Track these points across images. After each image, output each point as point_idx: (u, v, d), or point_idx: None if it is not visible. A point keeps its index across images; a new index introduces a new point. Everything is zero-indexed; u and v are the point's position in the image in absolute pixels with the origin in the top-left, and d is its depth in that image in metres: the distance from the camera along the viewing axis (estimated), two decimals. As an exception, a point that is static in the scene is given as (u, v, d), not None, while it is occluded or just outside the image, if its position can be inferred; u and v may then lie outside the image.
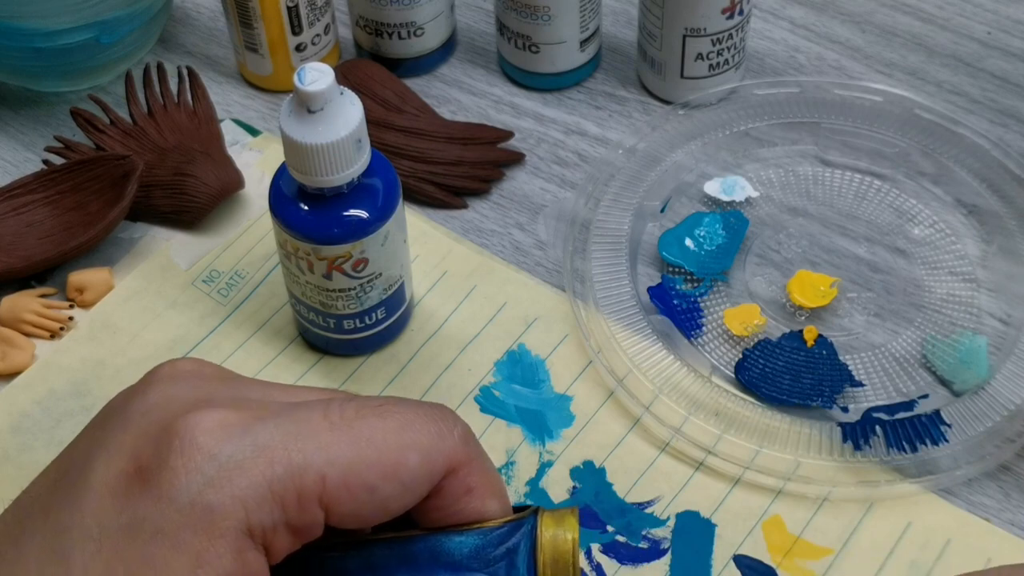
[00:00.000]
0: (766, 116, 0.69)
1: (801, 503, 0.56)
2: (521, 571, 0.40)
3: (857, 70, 0.74)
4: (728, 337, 0.62)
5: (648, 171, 0.67)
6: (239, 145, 0.70)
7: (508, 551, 0.40)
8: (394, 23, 0.71)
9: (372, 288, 0.58)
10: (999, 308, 0.62)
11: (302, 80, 0.52)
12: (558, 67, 0.72)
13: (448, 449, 0.40)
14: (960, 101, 0.72)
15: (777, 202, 0.67)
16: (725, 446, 0.57)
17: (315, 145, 0.52)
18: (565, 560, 0.40)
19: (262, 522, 0.38)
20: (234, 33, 0.72)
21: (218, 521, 0.37)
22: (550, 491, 0.57)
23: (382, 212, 0.56)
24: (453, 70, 0.75)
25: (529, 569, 0.40)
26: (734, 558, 0.55)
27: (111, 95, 0.72)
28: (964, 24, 0.76)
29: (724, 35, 0.68)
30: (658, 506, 0.56)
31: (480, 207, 0.68)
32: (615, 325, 0.61)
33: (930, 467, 0.56)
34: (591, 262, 0.63)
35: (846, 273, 0.64)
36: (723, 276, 0.64)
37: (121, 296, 0.64)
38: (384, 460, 0.39)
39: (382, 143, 0.67)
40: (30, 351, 0.62)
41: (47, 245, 0.64)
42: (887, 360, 0.61)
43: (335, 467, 0.38)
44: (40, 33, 0.67)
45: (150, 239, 0.66)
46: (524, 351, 0.62)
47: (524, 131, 0.71)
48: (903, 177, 0.67)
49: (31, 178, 0.66)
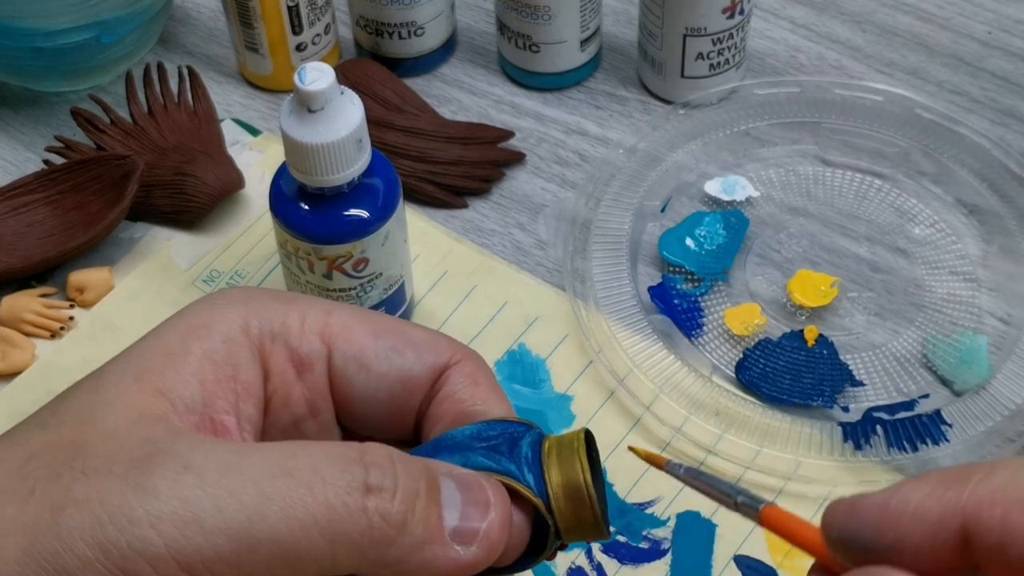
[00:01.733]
0: (766, 116, 0.69)
1: (802, 503, 0.56)
2: (524, 449, 0.39)
3: (857, 70, 0.74)
4: (729, 337, 0.62)
5: (648, 171, 0.67)
6: (239, 145, 0.70)
7: (511, 435, 0.39)
8: (394, 23, 0.71)
9: (372, 288, 0.58)
10: (999, 308, 0.62)
11: (302, 80, 0.52)
12: (558, 67, 0.72)
13: (451, 341, 0.42)
14: (960, 101, 0.72)
15: (778, 202, 0.67)
16: (726, 446, 0.57)
17: (315, 145, 0.52)
18: (570, 448, 0.39)
19: (260, 327, 0.39)
20: (234, 33, 0.72)
21: (217, 323, 0.39)
22: (551, 491, 0.57)
23: (382, 212, 0.56)
24: (453, 70, 0.75)
25: (533, 447, 0.39)
26: (735, 558, 0.55)
27: (111, 95, 0.72)
28: (964, 24, 0.76)
29: (724, 35, 0.68)
30: (658, 506, 0.56)
31: (480, 207, 0.68)
32: (615, 325, 0.61)
33: (930, 467, 0.56)
34: (591, 262, 0.63)
35: (847, 273, 0.64)
36: (724, 276, 0.64)
37: (121, 296, 0.64)
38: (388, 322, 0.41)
39: (382, 143, 0.67)
40: (30, 351, 0.62)
41: (47, 245, 0.64)
42: (888, 360, 0.61)
43: (340, 310, 0.40)
44: (40, 33, 0.67)
45: (150, 239, 0.66)
46: (524, 351, 0.62)
47: (524, 131, 0.71)
48: (903, 177, 0.67)
49: (31, 178, 0.66)
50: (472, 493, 0.37)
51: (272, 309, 0.40)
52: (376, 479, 0.36)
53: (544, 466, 0.39)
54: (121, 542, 0.34)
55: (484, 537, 0.37)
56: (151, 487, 0.35)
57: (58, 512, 0.35)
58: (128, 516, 0.34)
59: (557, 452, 0.39)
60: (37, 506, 0.35)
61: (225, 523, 0.34)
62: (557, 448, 0.39)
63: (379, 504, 0.35)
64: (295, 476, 0.35)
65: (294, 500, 0.35)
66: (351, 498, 0.35)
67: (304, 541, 0.35)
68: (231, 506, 0.34)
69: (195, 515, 0.34)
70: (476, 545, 0.37)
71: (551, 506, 0.38)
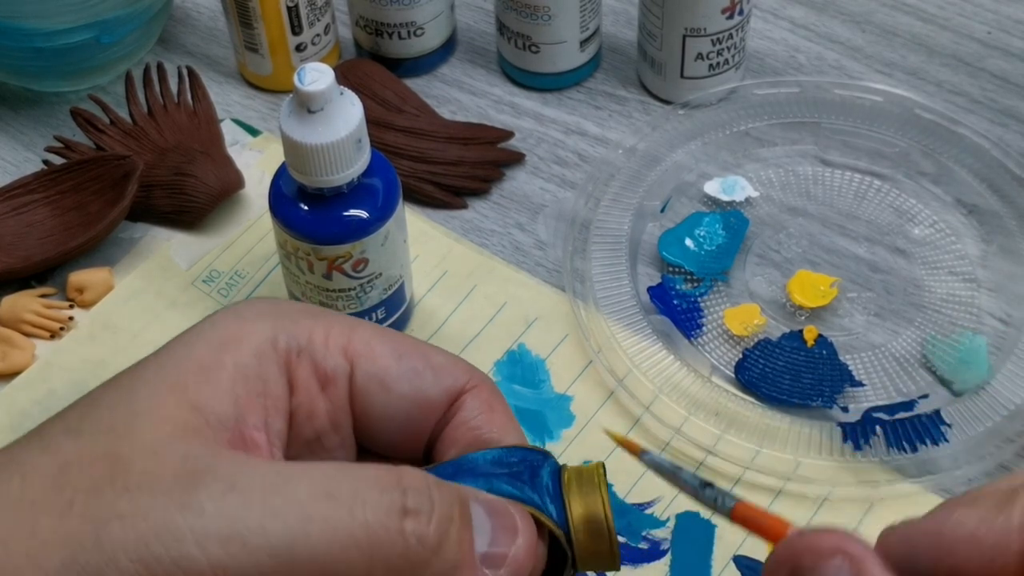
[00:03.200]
0: (766, 116, 0.69)
1: (801, 503, 0.56)
2: (545, 479, 0.40)
3: (857, 70, 0.74)
4: (728, 337, 0.62)
5: (648, 171, 0.67)
6: (239, 145, 0.70)
7: (531, 464, 0.40)
8: (394, 23, 0.71)
9: (372, 288, 0.58)
10: (999, 308, 0.62)
11: (302, 80, 0.52)
12: (558, 67, 0.72)
13: (468, 366, 0.42)
14: (960, 101, 0.72)
15: (777, 202, 0.67)
16: (725, 446, 0.57)
17: (315, 145, 0.52)
18: (591, 482, 0.40)
19: (287, 342, 0.40)
20: (234, 33, 0.72)
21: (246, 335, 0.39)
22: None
23: (382, 212, 0.56)
24: (453, 70, 0.75)
25: (553, 477, 0.40)
26: (734, 559, 0.55)
27: (111, 95, 0.72)
28: (964, 24, 0.76)
29: (724, 35, 0.68)
30: (658, 507, 0.56)
31: (480, 207, 0.68)
32: (615, 325, 0.61)
33: (930, 467, 0.56)
34: (591, 262, 0.63)
35: (846, 273, 0.64)
36: (723, 276, 0.64)
37: (121, 296, 0.64)
38: (409, 343, 0.42)
39: (382, 143, 0.67)
40: (30, 351, 0.62)
41: (47, 245, 0.64)
42: (887, 360, 0.61)
43: (363, 327, 0.41)
44: (40, 33, 0.67)
45: (150, 239, 0.66)
46: (524, 351, 0.62)
47: (524, 131, 0.71)
48: (903, 177, 0.67)
49: (31, 178, 0.66)
50: (501, 519, 0.38)
51: (298, 323, 0.40)
52: (413, 503, 0.37)
53: (565, 498, 0.40)
54: (165, 558, 0.35)
55: (512, 561, 0.38)
56: (196, 505, 0.35)
57: (101, 527, 0.35)
58: (173, 533, 0.35)
59: (578, 485, 0.40)
60: (78, 520, 0.35)
61: (268, 542, 0.35)
62: (577, 480, 0.40)
63: (416, 527, 0.36)
64: (337, 498, 0.36)
65: (336, 521, 0.36)
66: (390, 520, 0.36)
67: (343, 561, 0.36)
68: (275, 526, 0.35)
69: (239, 534, 0.35)
70: (504, 569, 0.38)
71: (571, 537, 0.39)
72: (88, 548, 0.35)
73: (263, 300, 0.41)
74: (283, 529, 0.35)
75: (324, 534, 0.36)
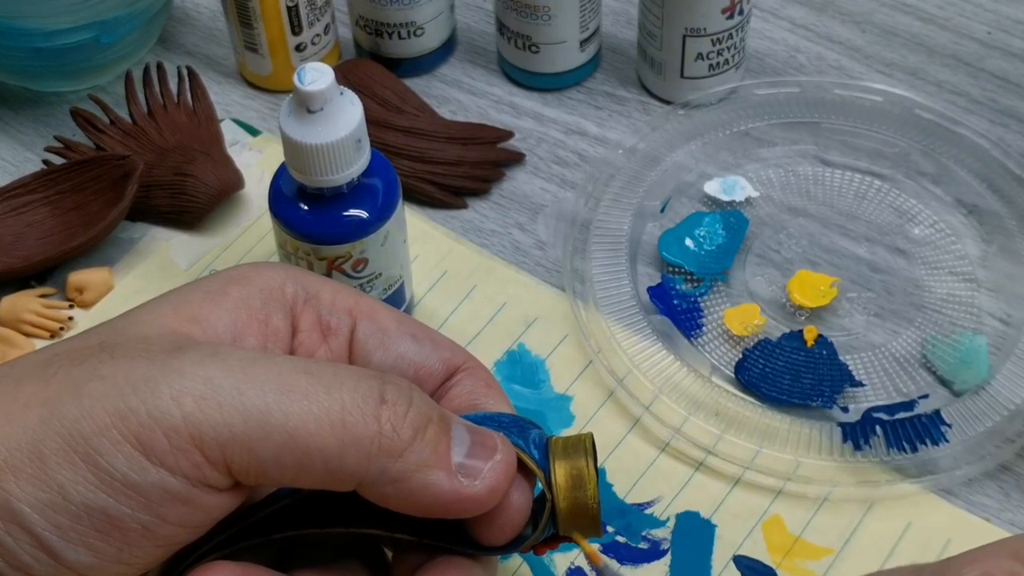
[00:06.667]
0: (766, 116, 0.69)
1: (801, 503, 0.56)
2: (533, 435, 0.41)
3: (857, 70, 0.74)
4: (728, 337, 0.62)
5: (648, 171, 0.67)
6: (239, 145, 0.70)
7: (522, 425, 0.41)
8: (394, 23, 0.71)
9: (372, 288, 0.58)
10: (999, 308, 0.62)
11: (302, 80, 0.52)
12: (558, 67, 0.72)
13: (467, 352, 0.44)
14: (960, 101, 0.72)
15: (777, 202, 0.67)
16: (725, 446, 0.57)
17: (315, 145, 0.52)
18: (577, 441, 0.41)
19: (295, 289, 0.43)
20: (234, 33, 0.72)
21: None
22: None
23: (382, 212, 0.56)
24: (453, 70, 0.75)
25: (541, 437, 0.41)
26: (734, 558, 0.55)
27: (111, 95, 0.72)
28: (964, 24, 0.76)
29: (724, 35, 0.68)
30: (658, 507, 0.56)
31: (480, 207, 0.68)
32: (615, 325, 0.61)
33: (930, 467, 0.56)
34: (591, 262, 0.63)
35: (846, 273, 0.64)
36: (723, 276, 0.64)
37: (121, 296, 0.64)
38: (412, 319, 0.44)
39: (382, 143, 0.67)
40: (29, 351, 0.62)
41: (47, 245, 0.64)
42: (887, 360, 0.61)
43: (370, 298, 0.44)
44: (40, 33, 0.67)
45: (150, 239, 0.66)
46: (524, 351, 0.62)
47: (524, 131, 0.71)
48: (903, 177, 0.67)
49: (31, 178, 0.66)
50: (481, 437, 0.39)
51: (308, 278, 0.43)
52: (392, 395, 0.38)
53: (550, 451, 0.40)
54: (140, 410, 0.35)
55: (488, 474, 0.38)
56: (177, 366, 0.36)
57: (82, 384, 0.36)
58: (151, 388, 0.36)
59: (563, 444, 0.41)
60: (60, 384, 0.36)
61: (243, 405, 0.36)
62: (564, 442, 0.41)
63: (392, 415, 0.37)
64: (316, 376, 0.37)
65: (311, 395, 0.36)
66: (366, 404, 0.37)
67: (316, 435, 0.36)
68: (251, 391, 0.36)
69: (215, 394, 0.36)
70: (479, 481, 0.38)
71: (552, 481, 0.40)
72: (66, 402, 0.35)
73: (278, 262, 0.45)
74: (259, 395, 0.36)
75: (298, 405, 0.36)
